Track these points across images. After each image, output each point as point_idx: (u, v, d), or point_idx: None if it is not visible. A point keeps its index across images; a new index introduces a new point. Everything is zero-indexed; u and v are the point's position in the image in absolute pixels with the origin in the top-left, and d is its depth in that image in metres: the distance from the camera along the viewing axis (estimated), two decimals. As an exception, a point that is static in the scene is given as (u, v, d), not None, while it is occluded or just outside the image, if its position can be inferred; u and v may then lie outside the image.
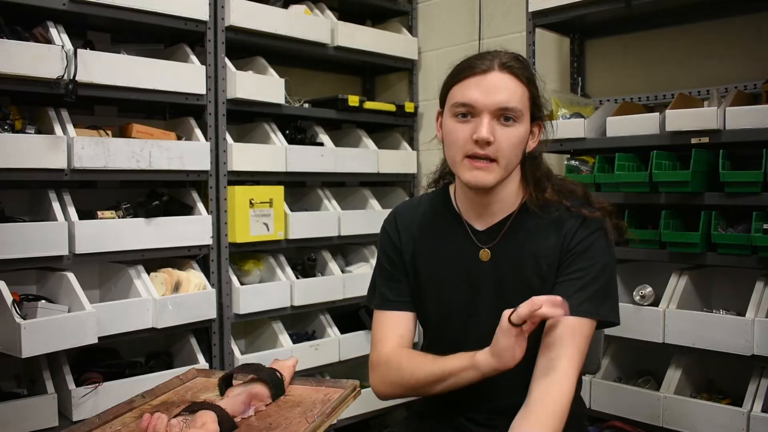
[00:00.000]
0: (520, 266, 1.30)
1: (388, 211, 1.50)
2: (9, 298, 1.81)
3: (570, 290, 1.24)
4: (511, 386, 1.31)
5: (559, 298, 1.09)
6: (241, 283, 2.47)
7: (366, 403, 2.65)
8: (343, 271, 2.77)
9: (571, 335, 1.21)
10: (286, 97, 2.58)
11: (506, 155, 1.24)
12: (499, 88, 1.23)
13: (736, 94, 1.99)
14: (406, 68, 3.15)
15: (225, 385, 1.36)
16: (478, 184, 1.25)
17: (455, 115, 1.26)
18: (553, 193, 1.33)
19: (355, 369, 2.78)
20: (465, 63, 1.28)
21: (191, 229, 2.28)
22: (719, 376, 2.19)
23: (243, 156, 2.43)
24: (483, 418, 1.33)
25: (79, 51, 2.00)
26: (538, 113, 1.30)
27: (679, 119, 1.96)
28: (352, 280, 2.73)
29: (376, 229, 1.65)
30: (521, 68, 1.26)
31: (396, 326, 1.39)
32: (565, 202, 1.31)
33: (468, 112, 1.24)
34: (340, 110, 2.77)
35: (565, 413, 1.17)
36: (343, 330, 2.75)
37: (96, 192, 2.35)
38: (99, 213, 2.12)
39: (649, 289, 2.12)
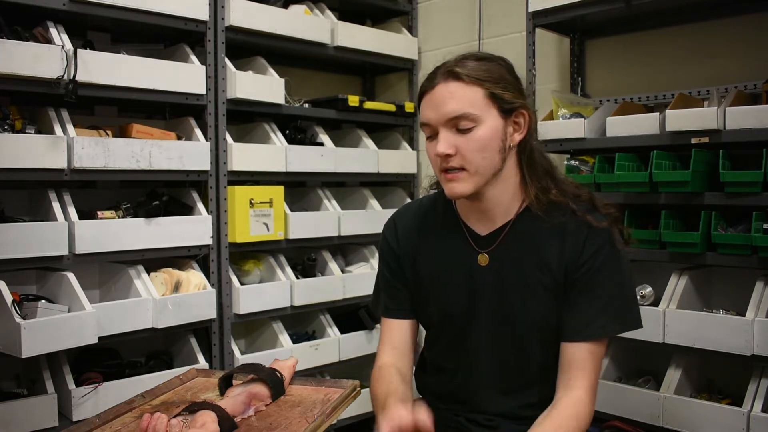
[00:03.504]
0: (521, 271, 1.29)
1: (388, 211, 1.51)
2: (9, 298, 1.81)
3: (590, 313, 1.24)
4: (511, 390, 1.32)
5: None
6: (241, 283, 2.47)
7: (366, 403, 2.62)
8: (343, 271, 2.77)
9: (591, 357, 1.23)
10: (286, 97, 2.58)
11: (472, 161, 1.22)
12: (444, 99, 1.22)
13: (736, 94, 1.99)
14: (406, 68, 3.15)
15: (225, 385, 1.36)
16: (455, 195, 1.25)
17: (425, 135, 1.28)
18: (558, 194, 1.30)
19: (355, 369, 2.78)
20: (423, 82, 1.28)
21: (191, 229, 2.28)
22: (719, 376, 2.19)
23: (243, 156, 2.43)
24: (483, 419, 1.33)
25: (79, 51, 2.00)
26: (506, 105, 1.24)
27: (679, 119, 1.96)
28: (352, 280, 2.73)
29: (376, 229, 1.66)
30: (472, 69, 1.22)
31: (392, 335, 1.41)
32: (571, 204, 1.28)
33: (430, 131, 1.26)
34: (340, 110, 2.77)
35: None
36: (343, 330, 2.75)
37: (96, 192, 2.35)
38: (99, 213, 2.12)
39: (649, 289, 2.13)
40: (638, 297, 2.11)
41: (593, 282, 1.25)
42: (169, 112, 2.55)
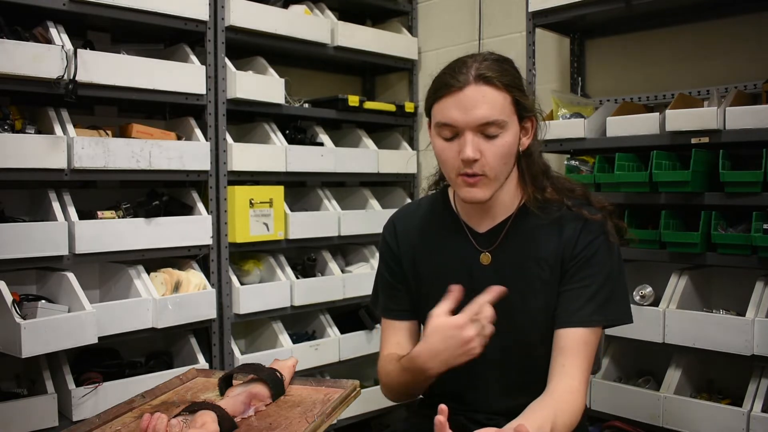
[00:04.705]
0: (521, 269, 1.30)
1: (388, 211, 1.51)
2: (9, 298, 1.81)
3: (579, 301, 1.24)
4: (513, 388, 1.32)
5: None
6: (241, 283, 2.47)
7: (366, 403, 2.65)
8: (343, 271, 2.77)
9: (583, 346, 1.23)
10: (286, 97, 2.58)
11: (495, 168, 1.22)
12: (477, 103, 1.19)
13: (736, 94, 1.99)
14: (406, 68, 3.15)
15: (225, 385, 1.36)
16: (474, 200, 1.25)
17: (440, 135, 1.25)
18: (553, 191, 1.32)
19: (355, 369, 2.78)
20: (441, 79, 1.24)
21: (191, 229, 2.28)
22: (719, 376, 2.19)
23: (243, 156, 2.43)
24: (483, 417, 1.33)
25: (79, 51, 2.00)
26: (526, 113, 1.26)
27: (679, 119, 1.96)
28: (352, 280, 2.73)
29: (376, 229, 1.67)
30: (500, 75, 1.21)
31: (395, 334, 1.41)
32: (566, 201, 1.30)
33: (452, 132, 1.22)
34: (340, 110, 2.77)
35: (574, 424, 1.18)
36: (343, 330, 2.75)
37: (96, 192, 2.35)
38: (99, 213, 2.12)
39: (649, 289, 2.13)
40: (638, 297, 2.11)
41: (585, 271, 1.26)
42: (169, 112, 2.55)
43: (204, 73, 2.33)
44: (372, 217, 2.81)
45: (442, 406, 0.98)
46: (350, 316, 2.85)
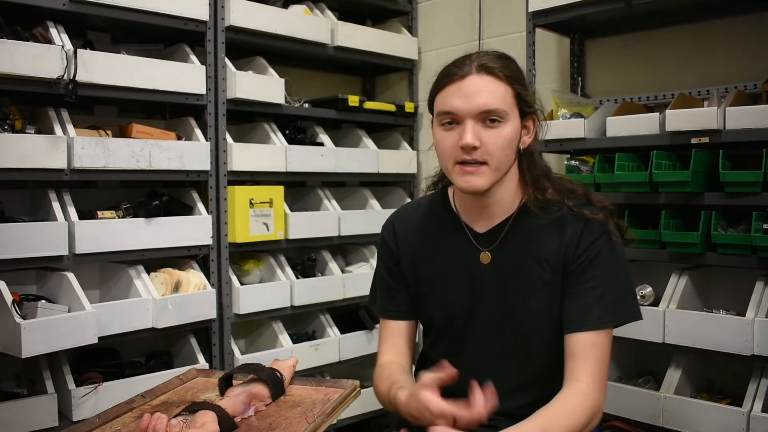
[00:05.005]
0: (521, 268, 1.30)
1: (388, 211, 1.50)
2: (9, 298, 1.81)
3: (586, 304, 1.24)
4: (514, 389, 1.31)
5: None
6: (241, 283, 2.47)
7: (366, 403, 2.65)
8: (343, 271, 2.77)
9: (591, 348, 1.23)
10: (286, 97, 2.58)
11: (495, 157, 1.23)
12: (478, 91, 1.21)
13: (736, 94, 1.99)
14: (406, 68, 3.15)
15: (225, 385, 1.36)
16: (472, 189, 1.25)
17: (441, 124, 1.26)
18: (554, 192, 1.32)
19: (355, 369, 2.78)
20: (445, 70, 1.27)
21: (191, 229, 2.28)
22: (719, 376, 2.19)
23: (243, 156, 2.43)
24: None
25: (79, 51, 2.00)
26: (527, 108, 1.27)
27: (679, 119, 1.96)
28: (352, 280, 2.73)
29: (376, 229, 1.67)
30: (501, 67, 1.23)
31: (392, 336, 1.42)
32: (567, 201, 1.30)
33: (452, 120, 1.24)
34: (340, 110, 2.77)
35: (576, 426, 1.19)
36: (343, 330, 2.75)
37: (96, 192, 2.35)
38: (99, 213, 2.12)
39: (649, 289, 2.13)
40: (638, 297, 2.11)
41: (589, 273, 1.26)
42: (169, 112, 2.55)
43: (204, 73, 2.33)
44: (372, 217, 2.81)
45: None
46: (350, 316, 2.85)
